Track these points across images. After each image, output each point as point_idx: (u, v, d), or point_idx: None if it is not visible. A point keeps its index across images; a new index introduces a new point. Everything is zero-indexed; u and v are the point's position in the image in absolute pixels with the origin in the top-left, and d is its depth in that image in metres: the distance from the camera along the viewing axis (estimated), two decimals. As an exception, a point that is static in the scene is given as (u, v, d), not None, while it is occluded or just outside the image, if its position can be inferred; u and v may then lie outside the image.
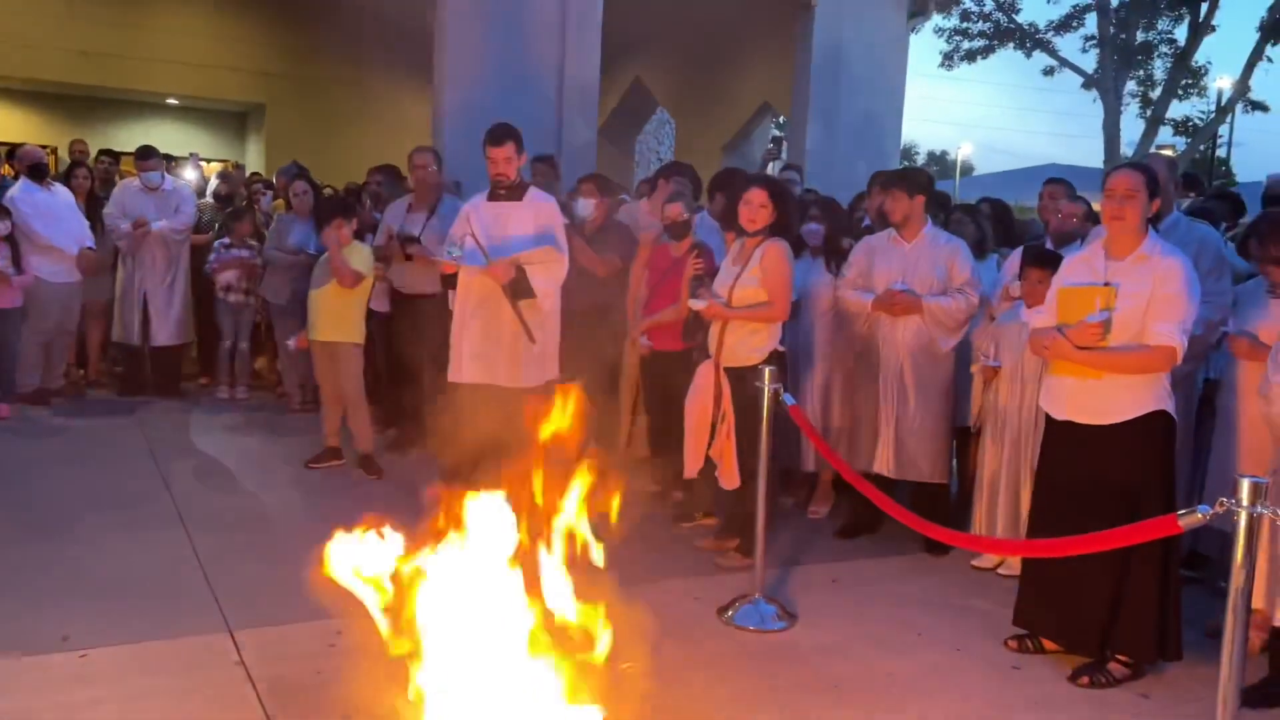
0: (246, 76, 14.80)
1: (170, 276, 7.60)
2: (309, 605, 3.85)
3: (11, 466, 5.54)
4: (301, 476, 5.77)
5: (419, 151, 6.30)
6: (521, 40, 8.13)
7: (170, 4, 14.18)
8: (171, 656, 3.42)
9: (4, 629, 3.52)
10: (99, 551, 4.38)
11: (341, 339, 5.72)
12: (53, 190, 7.23)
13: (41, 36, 13.40)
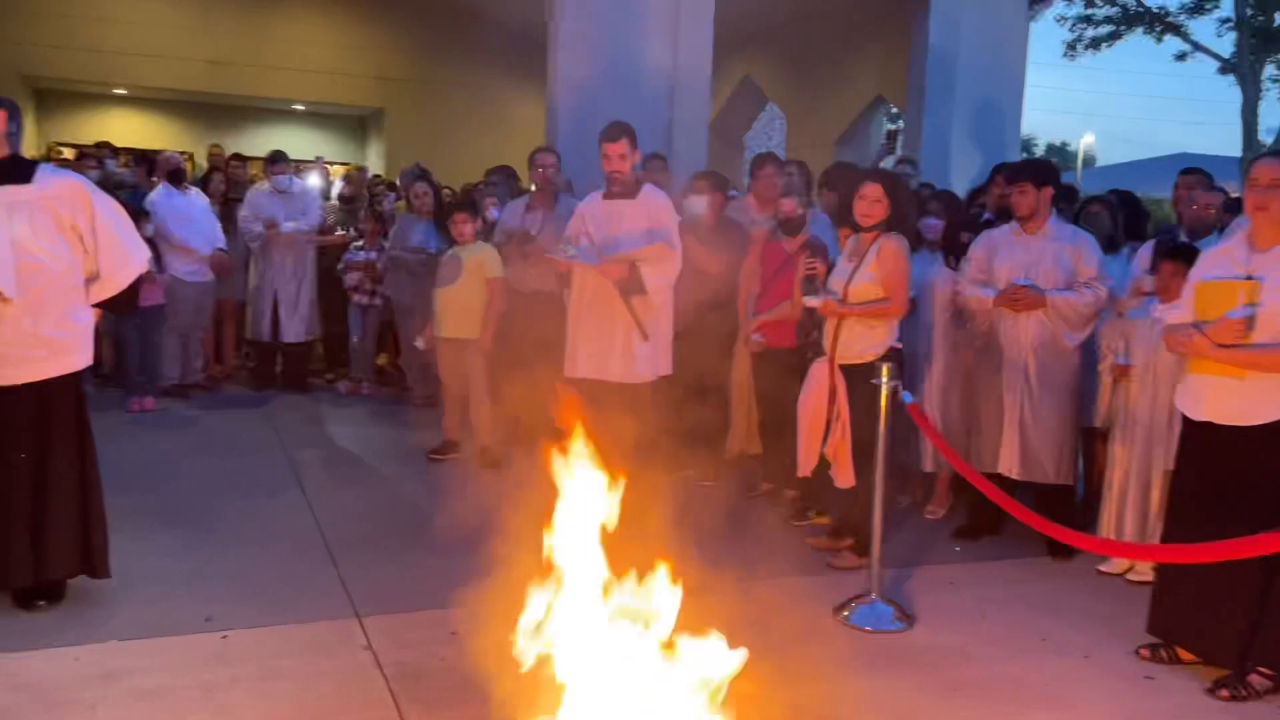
0: (367, 82, 15.28)
1: (298, 276, 7.91)
2: (431, 593, 3.99)
3: (156, 456, 5.86)
4: (423, 468, 5.95)
5: (542, 152, 6.44)
6: (633, 39, 8.18)
7: (295, 14, 14.74)
8: (304, 640, 3.57)
9: (153, 609, 3.73)
10: (237, 537, 4.59)
11: (467, 335, 5.88)
12: (189, 194, 7.61)
13: (177, 48, 14.10)
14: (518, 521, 4.88)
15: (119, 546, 3.95)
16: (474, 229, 5.97)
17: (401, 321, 7.67)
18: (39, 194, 3.56)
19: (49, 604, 3.68)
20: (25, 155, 3.77)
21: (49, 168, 3.73)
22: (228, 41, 14.26)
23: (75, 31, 13.76)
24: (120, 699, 3.08)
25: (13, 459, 3.55)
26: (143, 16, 13.85)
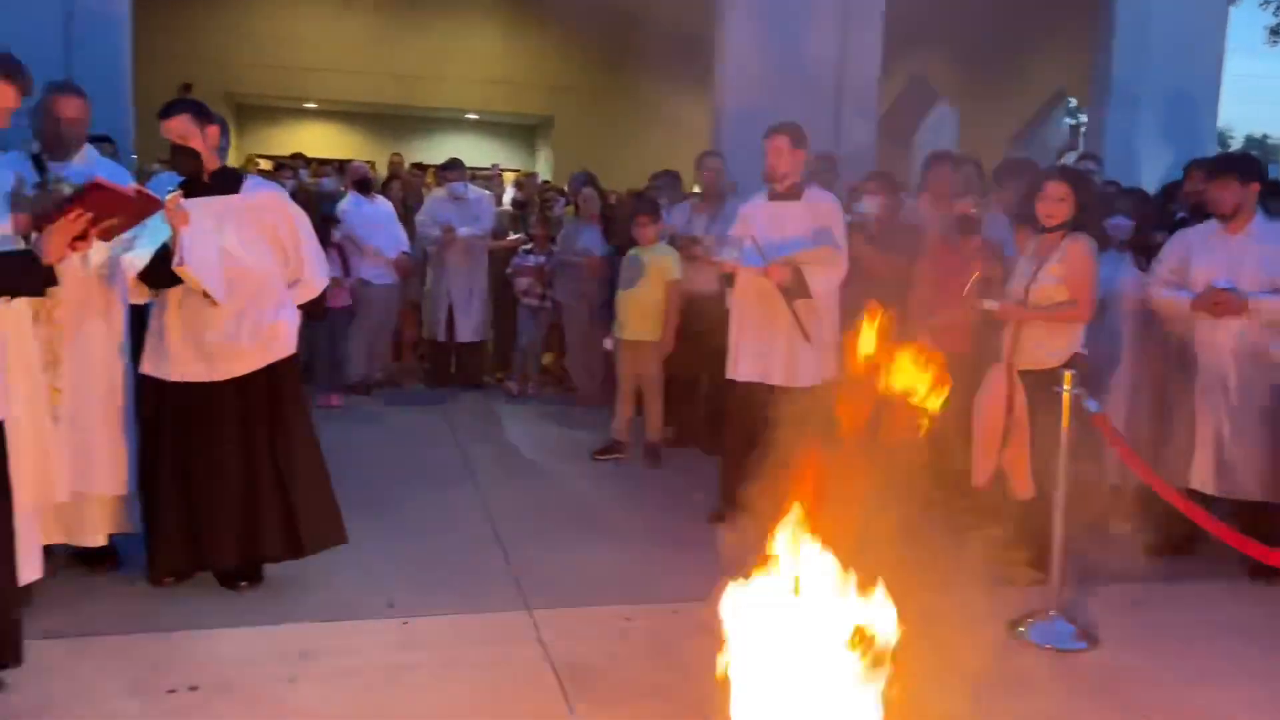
0: (537, 91, 15.73)
1: (472, 279, 8.21)
2: (601, 590, 4.08)
3: (342, 449, 6.16)
4: (589, 467, 6.08)
5: (709, 155, 6.49)
6: (800, 41, 8.11)
7: (471, 29, 15.33)
8: (479, 630, 3.71)
9: (340, 595, 3.95)
10: (416, 528, 4.82)
11: (646, 337, 5.98)
12: (376, 201, 8.03)
13: (363, 64, 14.90)
14: (686, 522, 4.97)
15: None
16: (655, 231, 6.07)
17: (568, 323, 7.85)
18: (246, 203, 3.85)
19: (249, 585, 3.95)
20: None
21: (255, 179, 4.03)
22: (409, 56, 14.96)
23: (272, 51, 14.74)
24: (315, 677, 3.28)
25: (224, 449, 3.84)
26: (333, 35, 14.70)
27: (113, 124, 6.00)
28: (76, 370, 3.74)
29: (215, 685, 3.19)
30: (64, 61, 6.32)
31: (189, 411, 3.82)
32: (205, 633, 3.55)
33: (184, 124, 3.72)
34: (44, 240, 3.03)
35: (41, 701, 3.04)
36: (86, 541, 3.94)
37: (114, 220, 3.21)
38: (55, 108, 3.79)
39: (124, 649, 3.40)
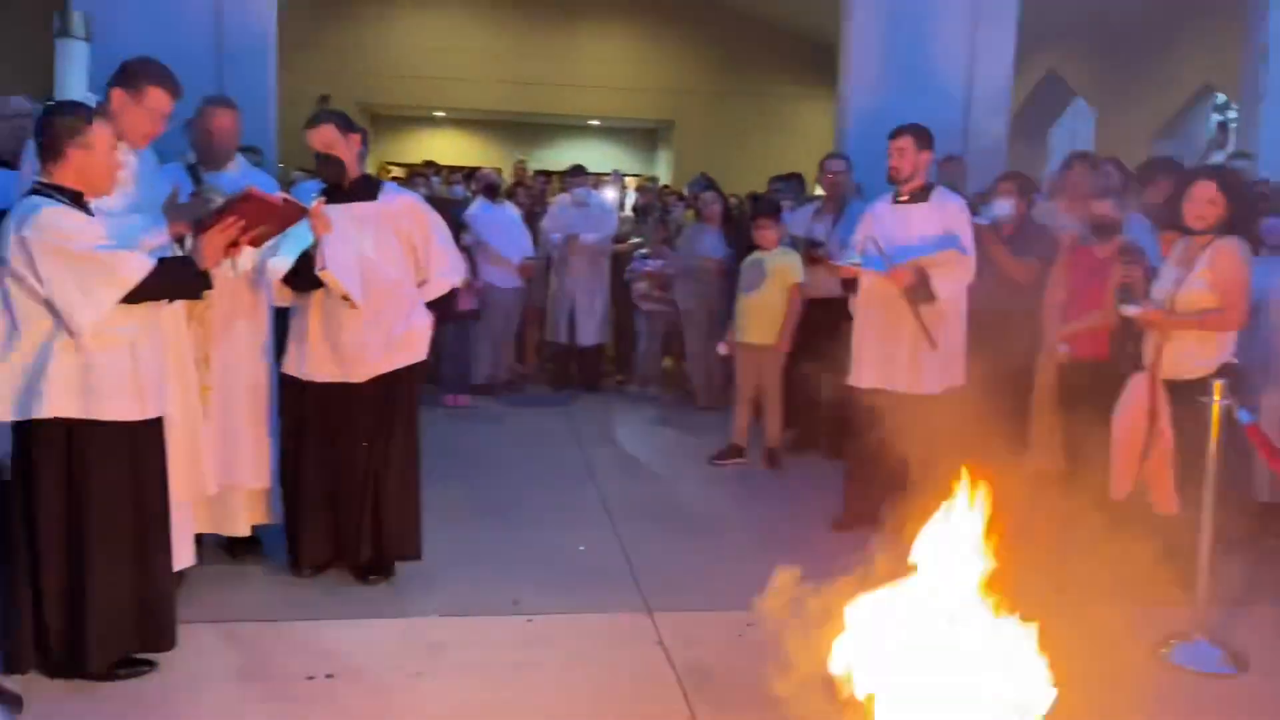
0: (658, 95, 15.85)
1: (594, 283, 8.31)
2: (721, 594, 4.06)
3: (469, 448, 6.36)
4: (708, 471, 6.07)
5: (832, 158, 6.41)
6: (928, 40, 7.93)
7: (594, 36, 15.56)
8: (601, 629, 3.76)
9: (466, 591, 4.06)
10: (539, 527, 4.90)
11: (766, 341, 5.96)
12: (503, 207, 8.21)
13: (489, 72, 15.30)
14: (806, 528, 4.91)
15: (440, 529, 4.34)
16: (777, 234, 6.04)
17: (688, 327, 7.87)
18: (383, 210, 4.00)
19: (381, 579, 4.09)
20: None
21: (391, 186, 4.18)
22: (534, 64, 15.28)
23: (403, 62, 15.25)
24: (443, 670, 3.38)
25: (358, 448, 4.00)
26: (461, 45, 15.14)
27: (259, 135, 6.29)
28: (224, 369, 3.95)
29: (349, 674, 3.32)
30: (215, 76, 6.67)
31: (327, 410, 3.99)
32: (340, 623, 3.70)
33: (329, 133, 3.89)
34: (200, 247, 3.21)
35: (191, 682, 3.22)
36: (232, 531, 4.15)
37: (263, 228, 3.38)
38: (209, 120, 4.02)
39: (266, 635, 3.57)
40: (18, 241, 2.95)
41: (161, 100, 3.46)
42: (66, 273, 2.95)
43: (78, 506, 3.07)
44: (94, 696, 3.09)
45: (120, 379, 3.09)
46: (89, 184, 3.11)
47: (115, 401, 3.08)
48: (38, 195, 3.04)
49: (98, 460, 3.08)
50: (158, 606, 3.23)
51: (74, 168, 3.06)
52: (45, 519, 3.04)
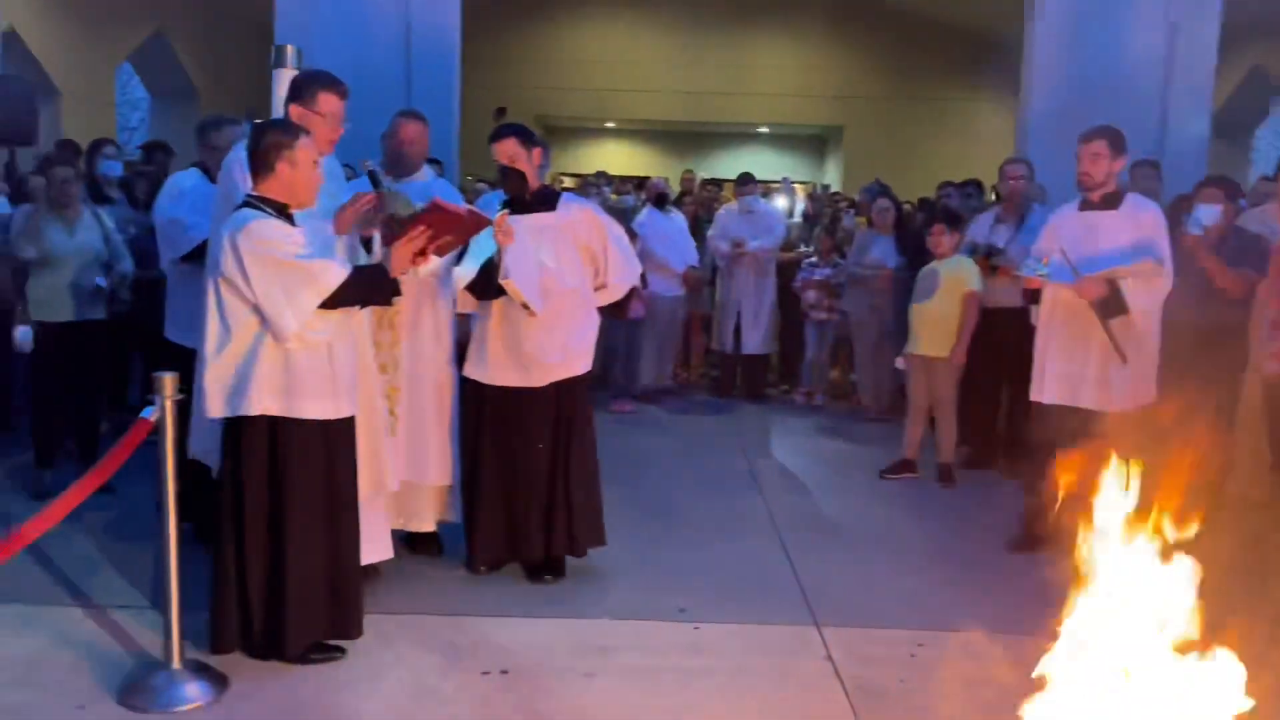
0: (828, 101, 15.66)
1: (760, 291, 8.27)
2: (892, 611, 3.98)
3: (634, 454, 6.44)
4: (877, 484, 5.94)
5: (1012, 163, 6.17)
6: (1122, 37, 7.53)
7: (763, 43, 15.52)
8: (767, 640, 3.73)
9: (634, 596, 4.11)
10: (704, 535, 4.91)
11: (939, 353, 5.80)
12: (671, 215, 8.29)
13: (660, 83, 15.50)
14: (981, 548, 4.74)
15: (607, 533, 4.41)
16: (953, 242, 5.85)
17: (857, 337, 7.72)
18: (562, 220, 4.12)
19: (553, 578, 4.20)
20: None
21: (570, 196, 4.29)
22: (704, 73, 15.39)
23: (577, 74, 15.65)
24: (612, 673, 3.43)
25: (534, 450, 4.12)
26: (633, 57, 15.41)
27: (443, 147, 6.60)
28: (411, 371, 4.14)
29: (522, 671, 3.42)
30: (405, 92, 7.03)
31: (505, 413, 4.13)
32: (514, 620, 3.81)
33: (512, 147, 4.04)
34: (391, 255, 3.38)
35: (375, 671, 3.38)
36: (418, 526, 4.34)
37: (448, 237, 3.53)
38: (400, 131, 4.24)
39: (446, 628, 3.72)
40: (230, 250, 3.18)
41: (332, 103, 3.66)
42: (273, 279, 3.16)
43: (278, 499, 3.28)
44: (289, 678, 3.29)
45: (318, 380, 3.29)
46: (293, 196, 3.33)
47: (313, 401, 3.28)
48: (248, 207, 3.27)
49: (296, 456, 3.28)
50: (347, 595, 3.42)
51: (281, 181, 3.28)
52: (251, 510, 3.27)
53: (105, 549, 4.41)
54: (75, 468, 5.20)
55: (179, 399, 3.20)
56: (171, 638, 3.19)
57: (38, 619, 3.68)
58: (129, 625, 3.65)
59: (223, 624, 3.31)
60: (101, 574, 4.14)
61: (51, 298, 5.09)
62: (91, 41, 11.94)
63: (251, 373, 3.22)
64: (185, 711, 3.08)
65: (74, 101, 11.53)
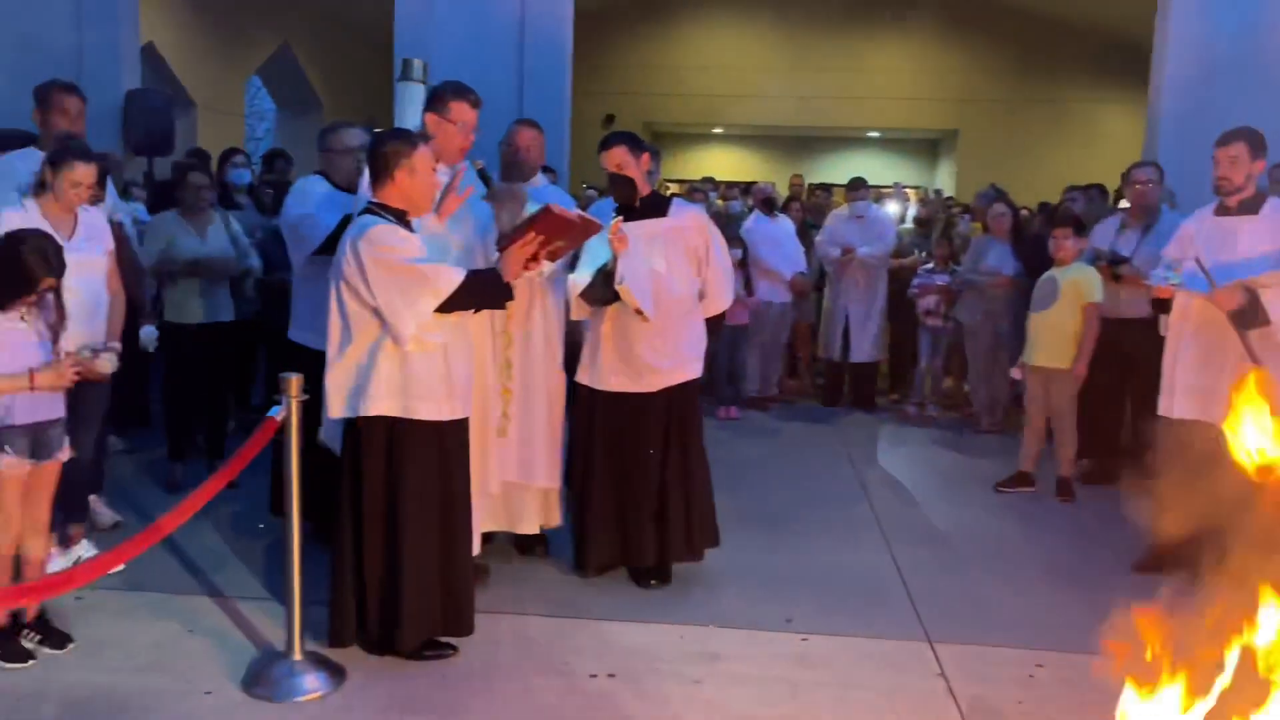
0: (943, 105, 15.33)
1: (870, 298, 8.13)
2: (1008, 629, 3.86)
3: (739, 461, 6.40)
4: (991, 498, 5.77)
5: (1140, 167, 5.92)
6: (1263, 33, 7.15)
7: (875, 46, 15.29)
8: (877, 655, 3.65)
9: (740, 603, 4.08)
10: (812, 545, 4.85)
11: (1058, 364, 5.60)
12: (778, 221, 8.22)
13: (768, 88, 15.40)
14: (1103, 567, 4.55)
15: (711, 538, 4.40)
16: (1076, 248, 5.64)
17: (971, 346, 7.52)
18: (673, 225, 4.13)
19: (659, 583, 4.20)
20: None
21: (679, 202, 4.29)
22: (814, 78, 15.25)
23: (685, 81, 15.69)
24: (719, 680, 3.41)
25: (644, 456, 4.13)
26: (742, 63, 15.37)
27: (554, 154, 6.68)
28: (523, 374, 4.19)
29: (630, 674, 3.43)
30: (517, 99, 7.16)
31: (618, 419, 4.16)
32: (621, 624, 3.82)
33: (621, 154, 4.07)
34: (504, 260, 3.44)
35: (485, 669, 3.44)
36: (525, 528, 4.40)
37: (560, 242, 3.57)
38: (516, 138, 4.32)
39: (553, 630, 3.76)
40: (352, 255, 3.27)
41: (465, 112, 3.79)
42: (392, 283, 3.24)
43: (394, 498, 3.36)
44: (404, 673, 3.37)
45: (434, 382, 3.36)
46: (412, 203, 3.41)
47: (429, 402, 3.35)
48: (369, 214, 3.37)
49: (412, 456, 3.36)
50: (459, 593, 3.48)
51: (399, 188, 3.37)
52: (369, 508, 3.36)
53: (230, 541, 4.60)
54: (204, 462, 5.46)
55: (304, 399, 3.31)
56: (293, 630, 3.31)
57: (168, 606, 3.86)
58: (252, 615, 3.80)
59: (341, 618, 3.41)
60: (227, 565, 4.32)
61: (183, 301, 5.33)
62: (224, 55, 12.52)
63: (371, 374, 3.31)
64: (305, 701, 3.19)
65: (207, 112, 12.09)
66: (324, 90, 14.52)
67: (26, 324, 3.30)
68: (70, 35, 8.22)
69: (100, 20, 8.34)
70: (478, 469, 4.00)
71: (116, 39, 8.48)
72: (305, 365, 3.67)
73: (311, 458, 3.49)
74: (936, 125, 16.01)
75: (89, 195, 4.02)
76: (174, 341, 5.25)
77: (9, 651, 3.35)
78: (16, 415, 3.29)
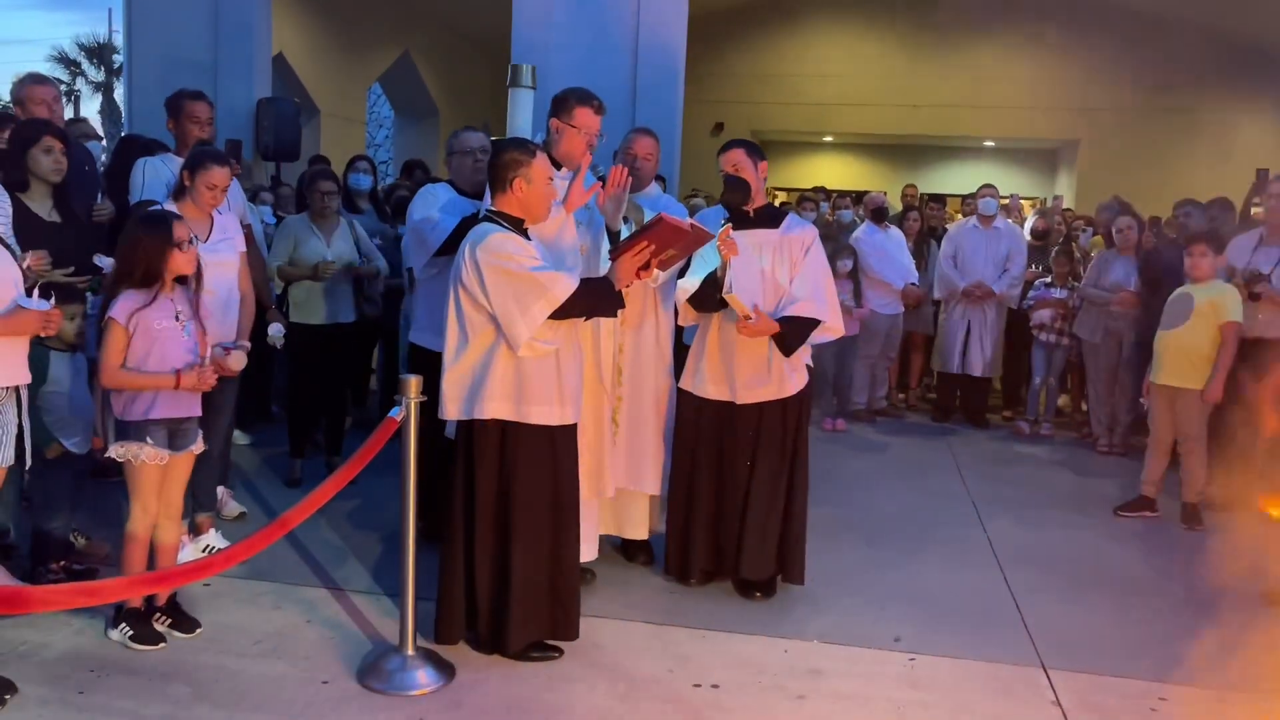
0: (1062, 114, 14.84)
1: (990, 310, 7.90)
2: (1129, 658, 3.71)
3: (845, 474, 6.32)
4: (1110, 522, 5.56)
5: (1276, 180, 5.63)
6: None
7: (995, 52, 14.88)
8: (989, 679, 3.55)
9: (848, 618, 4.02)
10: (920, 563, 4.75)
11: (1187, 384, 5.37)
12: (889, 231, 8.08)
13: (880, 97, 15.19)
14: (1232, 599, 4.34)
15: (819, 552, 4.35)
16: (1212, 265, 5.38)
17: (1091, 363, 7.26)
18: (785, 238, 4.10)
19: (763, 596, 4.17)
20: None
21: (793, 217, 4.24)
22: (927, 85, 14.95)
23: (795, 89, 15.57)
24: (823, 697, 3.36)
25: (743, 466, 4.11)
26: (853, 70, 15.18)
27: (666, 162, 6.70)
28: (633, 381, 4.22)
29: (733, 686, 3.41)
30: (630, 107, 7.22)
31: (719, 428, 4.14)
32: (724, 635, 3.81)
33: (739, 157, 4.08)
34: (616, 268, 3.47)
35: (589, 673, 3.46)
36: (632, 534, 4.42)
37: (672, 251, 3.58)
38: (634, 146, 4.37)
39: (658, 637, 3.77)
40: (470, 262, 3.35)
41: (588, 118, 3.85)
42: (508, 290, 3.30)
43: (506, 499, 3.42)
44: (511, 673, 3.42)
45: (546, 387, 3.41)
46: (528, 212, 3.48)
47: (541, 406, 3.40)
48: (488, 222, 3.45)
49: (524, 459, 3.41)
50: (566, 597, 3.52)
51: (517, 197, 3.43)
52: (481, 509, 3.42)
53: (347, 537, 4.75)
54: (323, 459, 5.65)
55: (422, 400, 3.39)
56: (407, 625, 3.40)
57: (289, 597, 4.01)
58: (368, 609, 3.92)
59: (450, 616, 3.49)
60: (345, 560, 4.46)
61: (307, 301, 5.53)
62: (348, 64, 12.97)
63: (486, 378, 3.38)
64: (416, 695, 3.26)
65: (330, 119, 12.54)
66: (441, 98, 14.90)
67: (179, 323, 3.49)
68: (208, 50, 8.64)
69: (235, 35, 8.75)
70: (595, 472, 4.05)
71: (250, 52, 8.88)
72: (423, 366, 3.77)
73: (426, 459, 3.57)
74: (1057, 135, 15.50)
75: (223, 198, 4.22)
76: (297, 341, 5.45)
77: (142, 634, 3.52)
78: (158, 410, 3.47)
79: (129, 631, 3.51)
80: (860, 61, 15.38)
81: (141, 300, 3.45)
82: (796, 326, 3.99)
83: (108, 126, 25.64)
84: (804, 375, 4.17)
